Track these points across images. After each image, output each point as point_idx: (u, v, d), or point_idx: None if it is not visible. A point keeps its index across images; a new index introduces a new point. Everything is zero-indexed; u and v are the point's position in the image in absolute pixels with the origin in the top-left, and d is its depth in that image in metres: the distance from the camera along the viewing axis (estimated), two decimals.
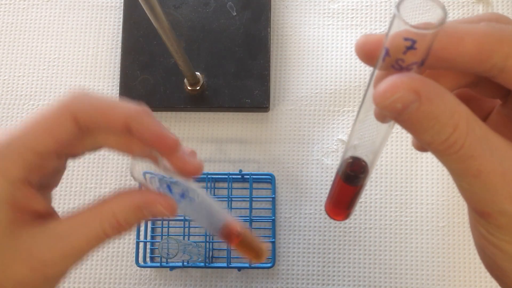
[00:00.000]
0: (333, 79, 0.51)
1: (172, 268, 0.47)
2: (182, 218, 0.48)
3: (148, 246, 0.48)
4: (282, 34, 0.53)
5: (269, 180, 0.49)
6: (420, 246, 0.47)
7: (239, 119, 0.51)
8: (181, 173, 0.24)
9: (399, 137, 0.50)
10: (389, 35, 0.15)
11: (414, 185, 0.48)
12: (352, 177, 0.21)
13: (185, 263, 0.46)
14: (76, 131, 0.21)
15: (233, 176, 0.48)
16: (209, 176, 0.48)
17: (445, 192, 0.48)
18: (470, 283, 0.46)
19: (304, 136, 0.50)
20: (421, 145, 0.22)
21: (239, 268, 0.47)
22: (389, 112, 0.16)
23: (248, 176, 0.48)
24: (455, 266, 0.47)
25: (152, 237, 0.49)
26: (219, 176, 0.49)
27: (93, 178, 0.50)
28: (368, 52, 0.18)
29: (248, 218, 0.47)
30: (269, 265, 0.46)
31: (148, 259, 0.48)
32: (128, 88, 0.50)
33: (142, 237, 0.48)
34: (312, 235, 0.48)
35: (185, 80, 0.49)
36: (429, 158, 0.49)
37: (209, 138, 0.51)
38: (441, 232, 0.47)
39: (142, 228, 0.48)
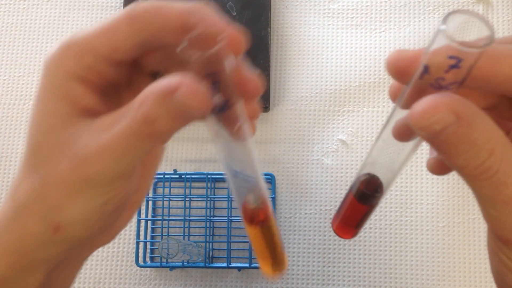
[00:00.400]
0: (333, 79, 0.51)
1: (172, 268, 0.47)
2: (182, 218, 0.48)
3: (148, 246, 0.48)
4: (282, 34, 0.53)
5: (269, 180, 0.49)
6: (420, 246, 0.47)
7: None
8: (238, 88, 0.19)
9: None
10: (431, 52, 0.15)
11: (414, 185, 0.48)
12: (366, 195, 0.21)
13: (185, 263, 0.46)
14: (132, 32, 0.19)
15: None
16: (209, 176, 0.48)
17: (445, 192, 0.48)
18: (470, 283, 0.46)
19: (304, 136, 0.50)
20: (437, 168, 0.22)
21: (239, 268, 0.47)
22: (426, 133, 0.15)
23: None
24: (455, 266, 0.47)
25: (152, 237, 0.49)
26: (219, 176, 0.49)
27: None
28: (401, 69, 0.17)
29: None
30: None
31: (148, 259, 0.48)
32: None
33: (142, 237, 0.48)
34: (312, 235, 0.48)
35: None
36: None
37: (209, 138, 0.51)
38: (441, 232, 0.47)
39: (142, 228, 0.48)
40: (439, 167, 0.22)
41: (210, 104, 0.17)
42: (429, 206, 0.48)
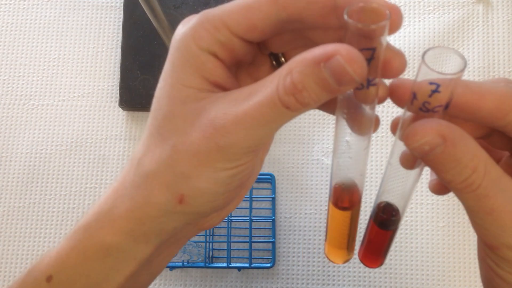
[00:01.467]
0: None
1: (172, 268, 0.47)
2: None
3: None
4: None
5: (269, 180, 0.49)
6: (420, 246, 0.47)
7: None
8: (384, 67, 0.18)
9: None
10: (417, 81, 0.17)
11: None
12: (385, 221, 0.23)
13: (185, 263, 0.46)
14: (273, 11, 0.18)
15: None
16: None
17: None
18: (470, 283, 0.46)
19: (304, 136, 0.50)
20: (438, 189, 0.24)
21: (239, 268, 0.47)
22: (417, 152, 0.18)
23: None
24: (455, 266, 0.47)
25: None
26: None
27: (93, 178, 0.50)
28: (400, 95, 0.20)
29: (248, 218, 0.47)
30: (269, 265, 0.46)
31: None
32: (128, 88, 0.50)
33: None
34: (312, 235, 0.48)
35: None
36: None
37: None
38: (441, 232, 0.47)
39: None
40: (438, 188, 0.24)
41: (366, 74, 0.16)
42: (429, 206, 0.48)
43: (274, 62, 0.22)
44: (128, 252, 0.21)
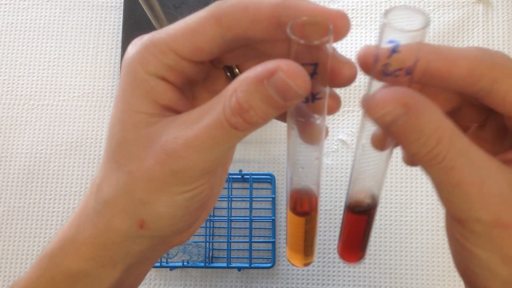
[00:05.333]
0: None
1: (172, 268, 0.47)
2: None
3: None
4: None
5: (269, 180, 0.49)
6: (420, 246, 0.47)
7: None
8: (331, 77, 0.18)
9: None
10: (379, 42, 0.16)
11: (414, 185, 0.48)
12: (358, 206, 0.21)
13: (185, 263, 0.46)
14: (218, 33, 0.18)
15: (233, 176, 0.48)
16: None
17: None
18: None
19: None
20: (410, 160, 0.23)
21: (239, 268, 0.47)
22: (379, 123, 0.17)
23: (248, 176, 0.48)
24: (455, 266, 0.47)
25: None
26: None
27: (93, 178, 0.50)
28: (368, 62, 0.19)
29: (248, 218, 0.47)
30: (269, 265, 0.46)
31: None
32: None
33: None
34: None
35: None
36: None
37: None
38: (441, 232, 0.47)
39: None
40: (410, 160, 0.23)
41: (310, 87, 0.16)
42: (429, 206, 0.48)
43: (228, 74, 0.22)
44: (96, 278, 0.21)
